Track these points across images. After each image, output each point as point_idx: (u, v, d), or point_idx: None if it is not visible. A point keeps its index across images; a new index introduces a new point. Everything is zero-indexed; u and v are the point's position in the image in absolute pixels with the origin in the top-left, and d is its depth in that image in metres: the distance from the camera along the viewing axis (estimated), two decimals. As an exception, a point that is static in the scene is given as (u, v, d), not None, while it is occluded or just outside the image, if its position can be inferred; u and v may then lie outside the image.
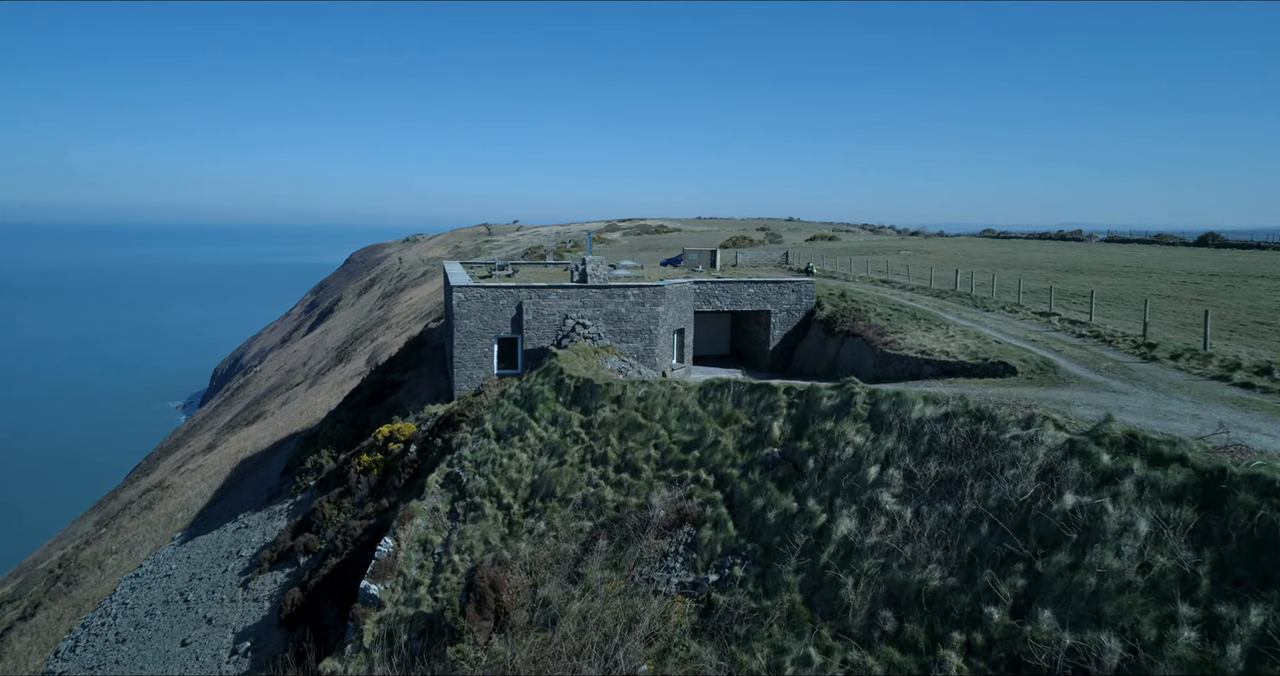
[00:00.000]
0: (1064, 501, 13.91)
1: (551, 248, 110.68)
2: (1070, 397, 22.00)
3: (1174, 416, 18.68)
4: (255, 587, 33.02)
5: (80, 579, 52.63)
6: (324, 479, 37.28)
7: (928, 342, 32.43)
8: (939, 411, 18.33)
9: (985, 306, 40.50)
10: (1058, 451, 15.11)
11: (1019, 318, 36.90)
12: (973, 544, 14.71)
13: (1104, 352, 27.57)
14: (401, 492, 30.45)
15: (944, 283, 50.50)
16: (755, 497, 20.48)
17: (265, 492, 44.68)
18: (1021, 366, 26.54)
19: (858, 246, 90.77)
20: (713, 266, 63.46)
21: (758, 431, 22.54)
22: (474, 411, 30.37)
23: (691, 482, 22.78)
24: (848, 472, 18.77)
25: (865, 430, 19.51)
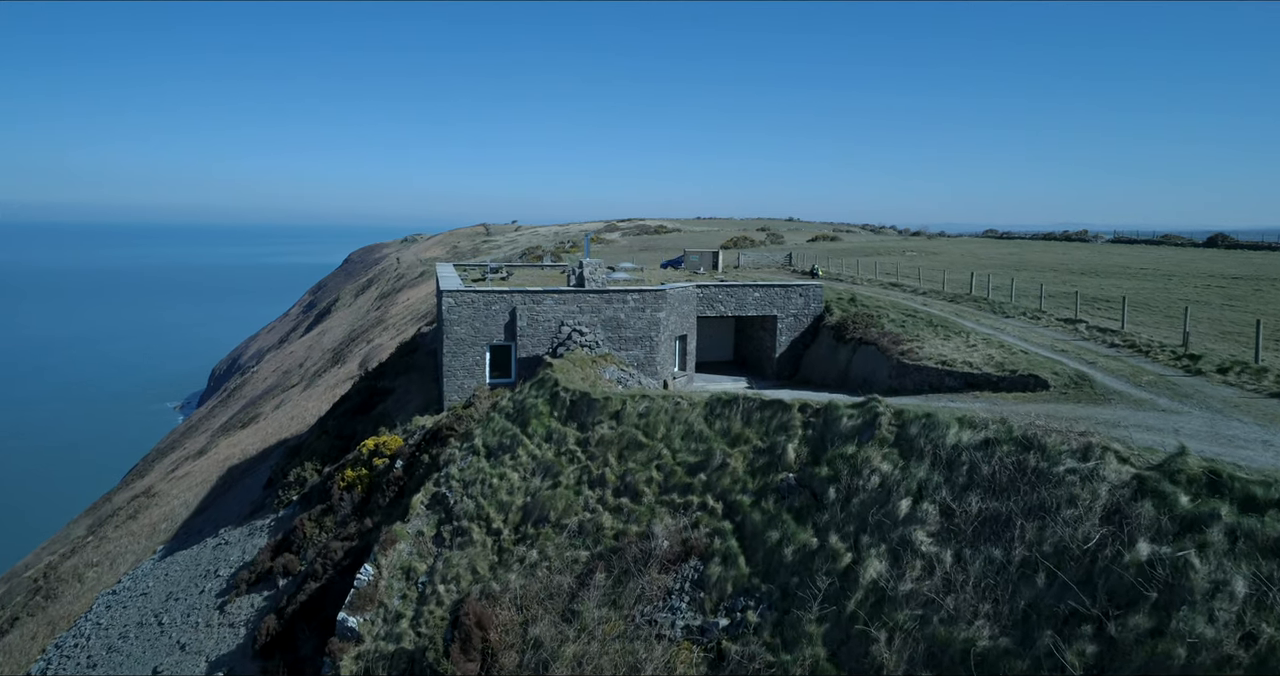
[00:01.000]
0: (1137, 551, 11.89)
1: (550, 248, 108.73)
2: (1114, 417, 19.99)
3: (1241, 442, 16.64)
4: (231, 612, 31.05)
5: (59, 593, 50.70)
6: (307, 494, 35.28)
7: (948, 352, 30.40)
8: (977, 436, 16.32)
9: (1004, 312, 38.47)
10: (1124, 489, 13.08)
11: (1042, 324, 34.87)
12: (1027, 597, 12.68)
13: (1142, 365, 25.54)
14: (385, 512, 28.44)
15: (957, 286, 48.48)
16: (769, 530, 18.47)
17: (248, 505, 42.70)
18: (1054, 380, 24.52)
19: (860, 247, 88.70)
20: (714, 268, 61.44)
21: (770, 453, 20.53)
22: (464, 425, 28.37)
23: (698, 510, 20.77)
24: (875, 505, 16.76)
25: (893, 456, 17.50)
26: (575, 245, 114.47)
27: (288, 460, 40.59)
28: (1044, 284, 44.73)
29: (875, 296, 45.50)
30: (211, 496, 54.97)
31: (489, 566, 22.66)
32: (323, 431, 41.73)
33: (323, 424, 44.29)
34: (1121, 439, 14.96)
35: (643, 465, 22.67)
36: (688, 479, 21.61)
